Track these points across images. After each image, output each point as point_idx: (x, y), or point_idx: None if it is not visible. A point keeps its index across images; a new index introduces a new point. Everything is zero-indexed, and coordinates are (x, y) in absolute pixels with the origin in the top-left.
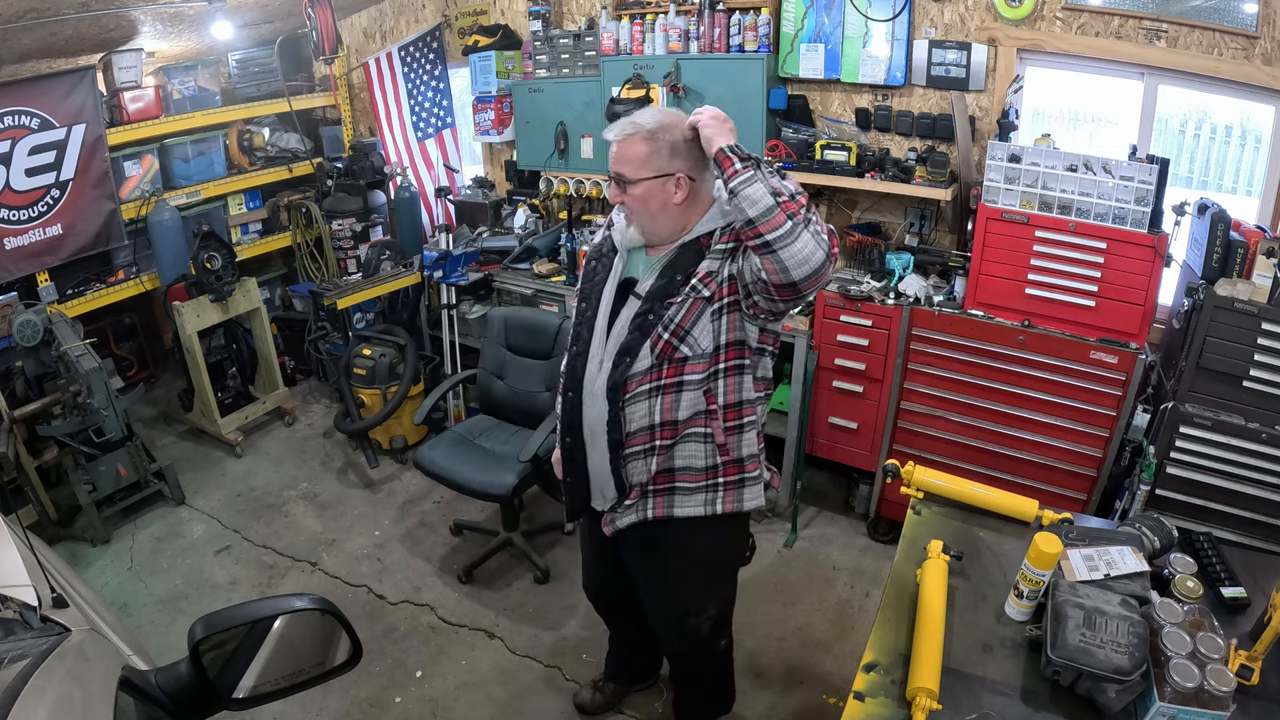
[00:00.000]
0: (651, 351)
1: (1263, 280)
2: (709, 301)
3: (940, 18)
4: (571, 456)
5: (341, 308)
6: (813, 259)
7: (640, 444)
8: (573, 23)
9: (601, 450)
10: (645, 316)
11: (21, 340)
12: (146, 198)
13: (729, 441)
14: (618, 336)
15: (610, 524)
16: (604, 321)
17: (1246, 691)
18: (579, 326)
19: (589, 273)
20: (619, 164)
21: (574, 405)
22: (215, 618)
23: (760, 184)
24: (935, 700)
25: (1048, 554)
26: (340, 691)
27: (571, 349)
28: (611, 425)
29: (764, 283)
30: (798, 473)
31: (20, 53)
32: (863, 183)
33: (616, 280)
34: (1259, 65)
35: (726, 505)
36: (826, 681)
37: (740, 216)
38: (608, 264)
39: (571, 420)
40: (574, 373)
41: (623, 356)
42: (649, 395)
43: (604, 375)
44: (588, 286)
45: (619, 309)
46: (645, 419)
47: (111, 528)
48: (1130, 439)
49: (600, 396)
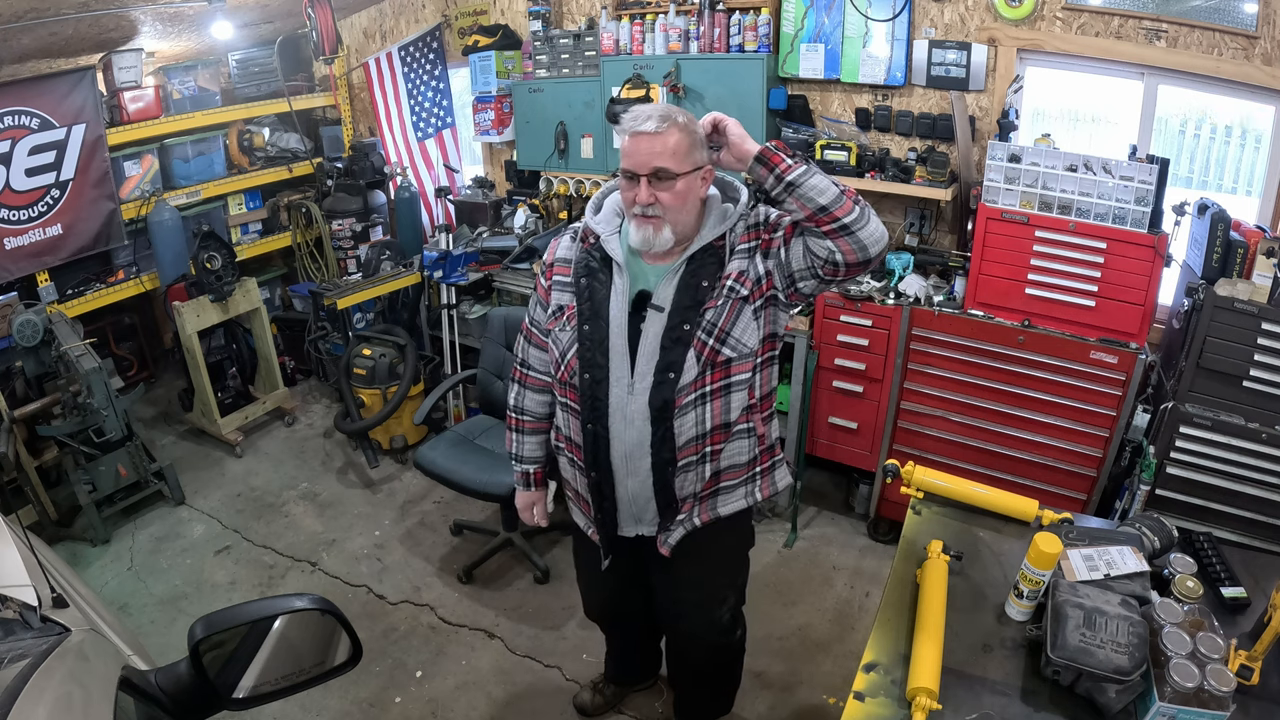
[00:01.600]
0: (698, 360)
1: (1263, 280)
2: (747, 300)
3: (940, 18)
4: (599, 491)
5: (341, 308)
6: (884, 233)
7: (691, 454)
8: (573, 23)
9: (642, 475)
10: (680, 327)
11: (21, 340)
12: (146, 198)
13: (765, 430)
14: (650, 354)
15: (665, 544)
16: (623, 341)
17: (1246, 691)
18: (588, 352)
19: (583, 291)
20: (660, 157)
21: (598, 436)
22: (215, 618)
23: (820, 175)
24: (935, 700)
25: (1048, 554)
26: (340, 691)
27: (583, 378)
28: (660, 444)
29: (836, 264)
30: (798, 473)
31: (20, 53)
32: (863, 183)
33: (629, 295)
34: (1259, 65)
35: (764, 492)
36: (826, 681)
37: (809, 206)
38: (604, 279)
39: (597, 453)
40: (595, 403)
41: (665, 372)
42: (695, 405)
43: (641, 397)
44: (587, 306)
45: (635, 326)
46: (695, 429)
47: (111, 528)
48: (1130, 439)
49: (638, 420)
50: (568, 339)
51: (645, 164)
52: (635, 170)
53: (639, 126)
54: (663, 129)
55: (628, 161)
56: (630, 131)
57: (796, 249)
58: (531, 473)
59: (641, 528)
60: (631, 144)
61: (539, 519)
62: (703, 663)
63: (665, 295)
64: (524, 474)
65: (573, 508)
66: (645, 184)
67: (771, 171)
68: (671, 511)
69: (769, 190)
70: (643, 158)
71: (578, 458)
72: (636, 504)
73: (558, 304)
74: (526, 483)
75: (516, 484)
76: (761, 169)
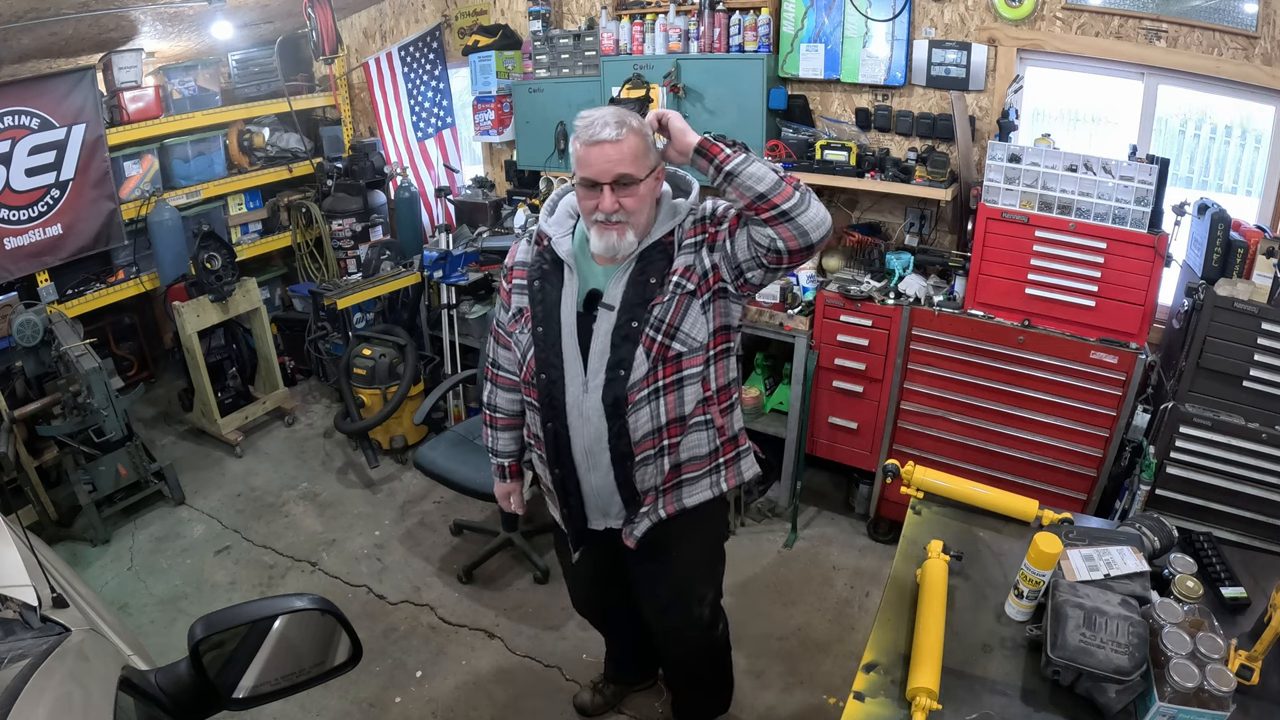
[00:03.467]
0: (648, 356)
1: (1263, 280)
2: (694, 295)
3: (940, 18)
4: (564, 486)
5: (341, 308)
6: (825, 217)
7: (649, 448)
8: (573, 23)
9: (603, 469)
10: (629, 324)
11: (21, 340)
12: (146, 198)
13: (725, 422)
14: (601, 352)
15: (630, 536)
16: (573, 340)
17: (1246, 691)
18: (543, 353)
19: (536, 294)
20: (622, 164)
21: (557, 434)
22: (215, 618)
23: (759, 163)
24: (935, 700)
25: (1048, 554)
26: (340, 691)
27: (540, 378)
28: (616, 440)
29: (778, 252)
30: (798, 473)
31: (20, 53)
32: (863, 183)
33: (579, 295)
34: (1259, 65)
35: (729, 482)
36: (826, 681)
37: (748, 194)
38: (555, 280)
39: (559, 450)
40: (552, 401)
41: (616, 369)
42: (649, 400)
43: (595, 394)
44: (540, 309)
45: (586, 325)
46: (649, 423)
47: (111, 528)
48: (1130, 439)
49: (594, 417)
50: (526, 341)
51: (607, 171)
52: (597, 179)
53: (598, 135)
54: (622, 136)
55: (587, 170)
56: (589, 140)
57: (741, 240)
58: (506, 465)
59: (609, 520)
60: (591, 152)
61: (516, 506)
62: (689, 660)
63: (615, 294)
64: (500, 466)
65: (547, 500)
66: (609, 192)
67: (710, 162)
68: (635, 504)
69: (711, 181)
70: (604, 165)
71: (543, 453)
72: (601, 497)
73: (517, 307)
74: (503, 474)
75: (494, 475)
76: (701, 160)
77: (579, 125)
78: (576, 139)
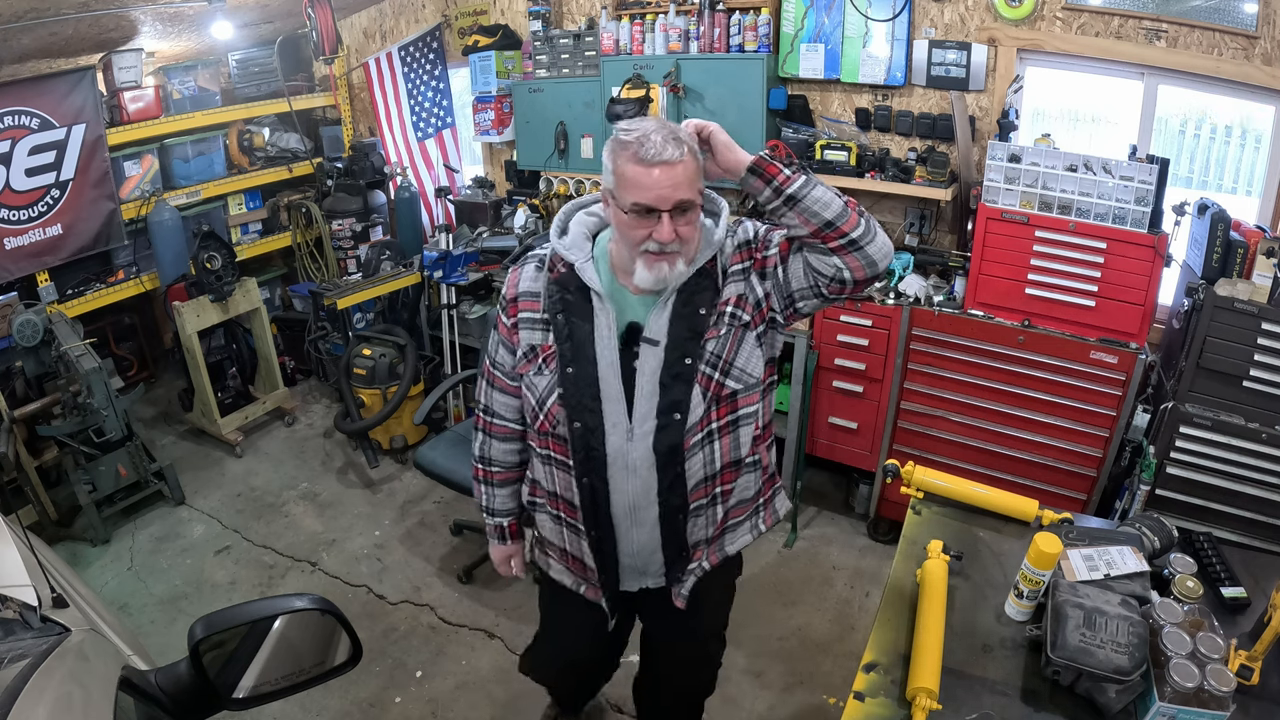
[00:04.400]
0: (704, 397)
1: (1263, 280)
2: (748, 327)
3: (940, 18)
4: (600, 549)
5: (341, 308)
6: (889, 246)
7: (701, 498)
8: (573, 23)
9: (648, 525)
10: (681, 361)
11: (21, 340)
12: (146, 198)
13: (769, 459)
14: (649, 394)
15: (679, 595)
16: (616, 381)
17: (1246, 691)
18: (575, 398)
19: (561, 329)
20: (682, 189)
21: (595, 490)
22: (215, 618)
23: (821, 185)
24: (935, 700)
25: (1048, 554)
26: (340, 691)
27: (574, 426)
28: (668, 492)
29: (843, 282)
30: (798, 473)
31: (20, 53)
32: (863, 183)
33: (617, 330)
34: (1259, 65)
35: (767, 523)
36: (826, 681)
37: (813, 221)
38: (584, 313)
39: (596, 508)
40: (590, 453)
41: (669, 414)
42: (703, 444)
43: (643, 442)
44: (568, 346)
45: (628, 364)
46: (702, 470)
47: (111, 528)
48: (1130, 439)
49: (642, 468)
50: (546, 384)
51: (669, 198)
52: (656, 205)
53: (663, 155)
54: (683, 157)
55: (645, 195)
56: (644, 160)
57: (796, 267)
58: (506, 525)
59: (646, 580)
60: (650, 174)
61: (517, 571)
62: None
63: (659, 327)
64: (498, 527)
65: (554, 565)
66: (668, 220)
67: (769, 184)
68: (683, 560)
69: (764, 205)
70: (666, 191)
71: (569, 515)
72: (642, 557)
73: (528, 344)
74: (502, 536)
75: (490, 537)
76: (756, 181)
77: (625, 139)
78: (624, 156)
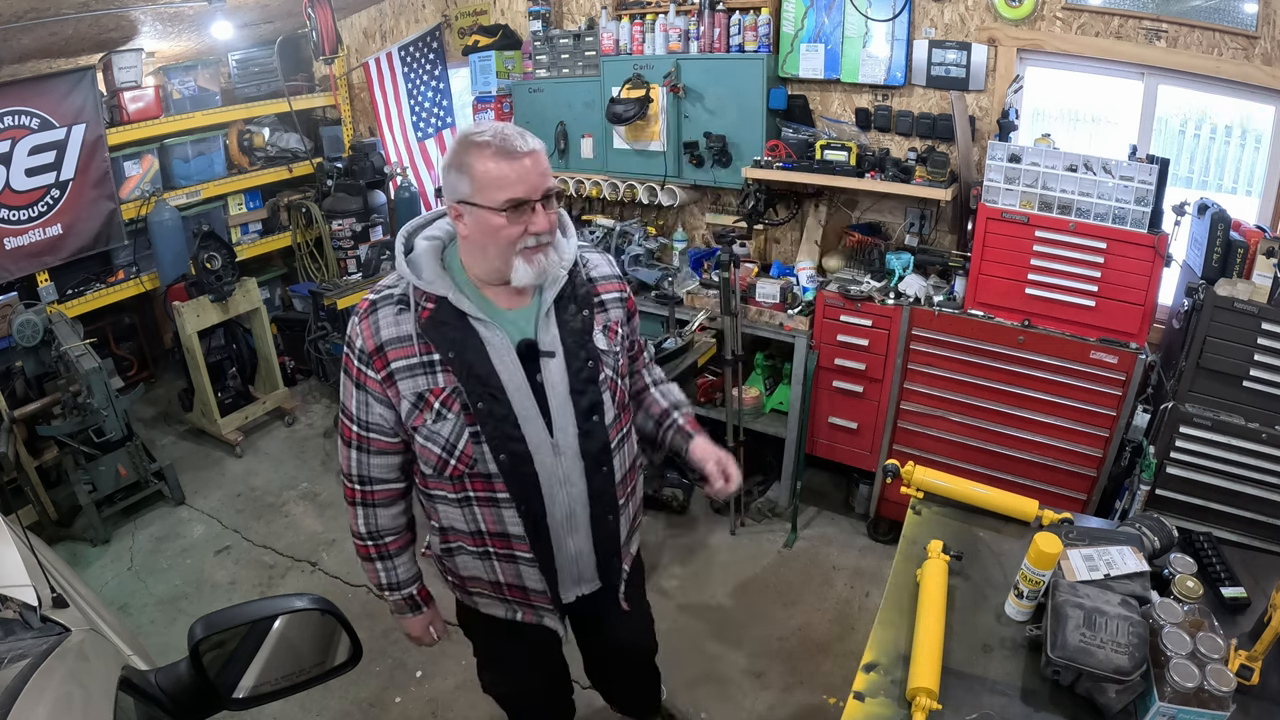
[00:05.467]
0: (613, 401)
1: (1263, 280)
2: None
3: (940, 18)
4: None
5: (341, 308)
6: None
7: (622, 497)
8: (573, 23)
9: (582, 530)
10: (586, 364)
11: (21, 340)
12: (146, 198)
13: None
14: (562, 404)
15: (623, 597)
16: (530, 401)
17: (1246, 691)
18: (494, 430)
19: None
20: (549, 177)
21: (533, 513)
22: (215, 618)
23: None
24: (935, 700)
25: (1048, 554)
26: (340, 691)
27: (500, 459)
28: (599, 494)
29: None
30: (798, 473)
31: (20, 53)
32: (863, 183)
33: (512, 346)
34: (1259, 65)
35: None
36: (826, 681)
37: None
38: (472, 343)
39: (537, 532)
40: (524, 480)
41: (589, 415)
42: (620, 445)
43: (569, 452)
44: (472, 382)
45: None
46: (621, 470)
47: (111, 528)
48: (1130, 439)
49: (573, 476)
50: (451, 428)
51: (540, 186)
52: (530, 196)
53: (517, 146)
54: (539, 147)
55: (518, 188)
56: (507, 152)
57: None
58: (416, 593)
59: (582, 587)
60: (515, 167)
61: (439, 633)
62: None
63: (550, 339)
64: (408, 599)
65: (483, 600)
66: (542, 209)
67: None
68: (615, 560)
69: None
70: (536, 180)
71: (500, 548)
72: (579, 563)
73: (413, 393)
74: (414, 605)
75: (401, 613)
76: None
77: (478, 140)
78: (484, 155)
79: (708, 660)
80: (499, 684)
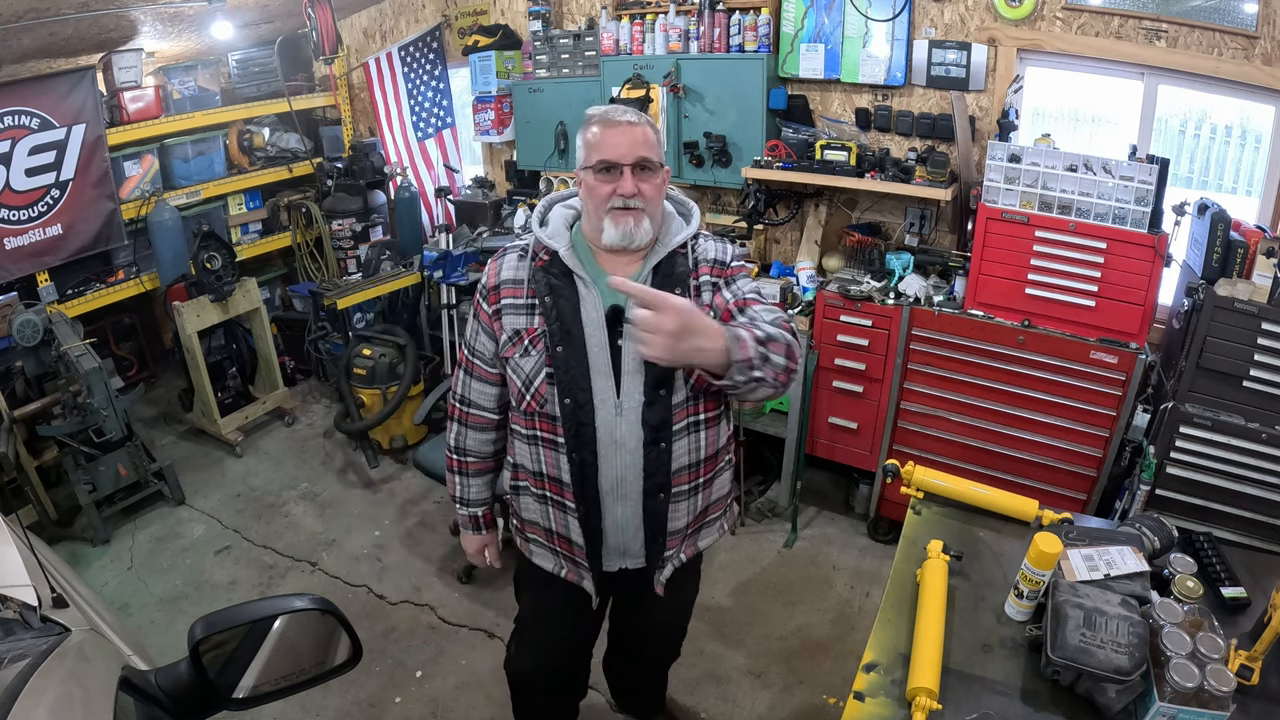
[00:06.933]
0: (686, 383)
1: (1263, 280)
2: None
3: (940, 18)
4: (588, 523)
5: (341, 308)
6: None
7: (685, 483)
8: (573, 23)
9: (632, 501)
10: None
11: (21, 340)
12: (146, 198)
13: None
14: (634, 370)
15: (658, 582)
16: (605, 358)
17: (1246, 691)
18: (566, 375)
19: (550, 311)
20: (642, 147)
21: (584, 464)
22: (215, 618)
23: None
24: (935, 700)
25: (1048, 554)
26: (340, 691)
27: (564, 403)
28: (653, 469)
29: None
30: (798, 473)
31: (20, 53)
32: (863, 183)
33: (603, 308)
34: (1259, 65)
35: (729, 522)
36: (826, 681)
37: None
38: (569, 295)
39: (584, 483)
40: (580, 429)
41: (656, 390)
42: (689, 431)
43: (631, 416)
44: (557, 326)
45: (613, 342)
46: (687, 456)
47: (111, 528)
48: (1130, 439)
49: (629, 442)
50: (532, 365)
51: (629, 154)
52: (618, 160)
53: (617, 118)
54: (640, 122)
55: (608, 152)
56: (607, 122)
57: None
58: (480, 515)
59: (626, 560)
60: (612, 134)
61: (493, 560)
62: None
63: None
64: (473, 517)
65: (537, 550)
66: (629, 174)
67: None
68: (660, 545)
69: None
70: (626, 148)
71: (555, 493)
72: (625, 534)
73: (512, 329)
74: (477, 525)
75: (464, 528)
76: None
77: (591, 114)
78: (591, 126)
79: (708, 660)
80: (526, 650)
